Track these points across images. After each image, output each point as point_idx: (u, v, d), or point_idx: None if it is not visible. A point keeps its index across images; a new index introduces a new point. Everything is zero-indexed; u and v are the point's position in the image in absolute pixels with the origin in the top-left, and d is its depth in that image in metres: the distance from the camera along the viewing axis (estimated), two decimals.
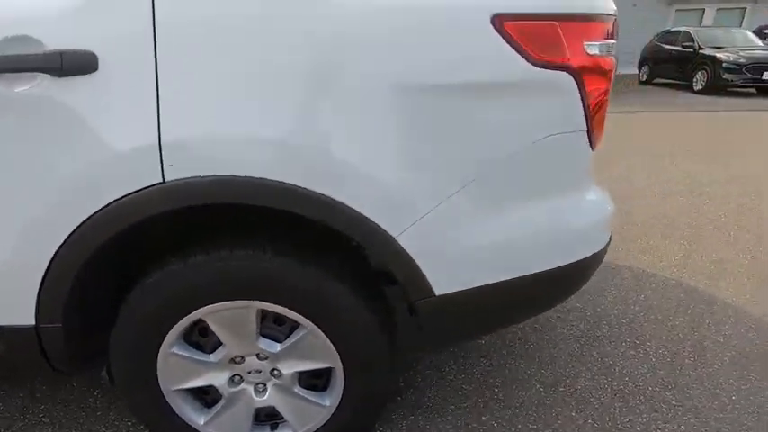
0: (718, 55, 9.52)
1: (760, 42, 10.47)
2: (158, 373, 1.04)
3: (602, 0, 0.93)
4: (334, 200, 0.85)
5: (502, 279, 0.98)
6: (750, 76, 9.20)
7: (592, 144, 1.00)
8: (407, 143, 0.87)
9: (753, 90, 9.78)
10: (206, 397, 1.14)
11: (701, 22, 15.19)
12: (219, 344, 1.04)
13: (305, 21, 0.81)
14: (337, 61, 0.82)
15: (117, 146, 0.81)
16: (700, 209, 3.09)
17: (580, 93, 0.92)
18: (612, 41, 0.98)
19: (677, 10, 15.45)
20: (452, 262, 0.95)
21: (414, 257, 0.92)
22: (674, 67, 10.77)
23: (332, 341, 1.01)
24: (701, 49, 10.07)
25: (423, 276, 0.94)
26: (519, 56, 0.86)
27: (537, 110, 0.91)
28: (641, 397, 1.45)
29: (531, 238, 0.99)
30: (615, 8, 0.99)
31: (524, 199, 0.97)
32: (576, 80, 0.91)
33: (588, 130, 0.97)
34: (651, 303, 1.98)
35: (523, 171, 0.94)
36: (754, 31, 11.47)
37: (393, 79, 0.83)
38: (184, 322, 0.98)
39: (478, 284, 0.98)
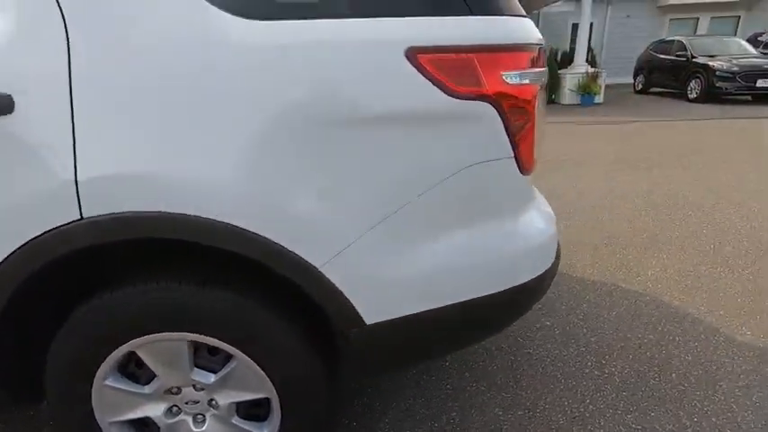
0: (710, 63, 9.54)
1: (753, 50, 10.50)
2: (93, 405, 1.04)
3: (521, 30, 0.94)
4: (251, 232, 0.85)
5: (432, 307, 0.98)
6: (744, 83, 9.20)
7: (522, 169, 1.00)
8: (326, 176, 0.87)
9: (748, 98, 9.78)
10: (145, 429, 1.13)
11: (695, 30, 15.27)
12: (154, 375, 1.04)
13: (220, 59, 0.82)
14: (253, 96, 0.83)
15: (35, 185, 0.82)
16: (682, 222, 3.07)
17: (503, 121, 0.93)
18: (539, 70, 0.99)
19: (671, 19, 15.54)
20: (380, 291, 0.95)
21: (340, 288, 0.92)
22: (669, 75, 10.82)
23: (265, 371, 1.00)
24: (694, 57, 10.11)
25: (351, 306, 0.94)
26: (436, 88, 0.87)
27: (459, 139, 0.92)
28: (601, 420, 1.43)
29: (459, 267, 0.98)
30: (540, 37, 1.00)
31: (451, 228, 0.97)
32: (496, 109, 0.91)
33: (516, 157, 0.98)
34: (622, 320, 1.96)
35: (449, 200, 0.94)
36: (748, 39, 11.52)
37: (313, 113, 0.84)
38: (116, 355, 0.98)
39: (409, 313, 0.97)
